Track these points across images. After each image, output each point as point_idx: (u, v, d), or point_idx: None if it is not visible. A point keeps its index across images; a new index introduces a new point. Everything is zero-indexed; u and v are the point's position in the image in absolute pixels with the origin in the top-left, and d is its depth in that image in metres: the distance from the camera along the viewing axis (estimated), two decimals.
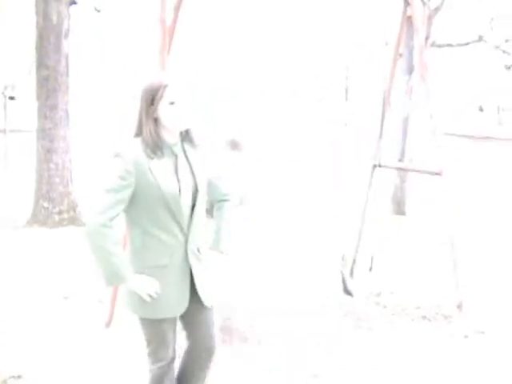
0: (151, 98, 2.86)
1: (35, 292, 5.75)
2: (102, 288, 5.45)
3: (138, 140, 2.90)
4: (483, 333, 5.09)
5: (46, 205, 8.53)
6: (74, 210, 8.66)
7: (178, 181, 2.91)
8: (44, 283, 5.99)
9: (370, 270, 6.18)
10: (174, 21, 4.39)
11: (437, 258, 7.06)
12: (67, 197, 8.63)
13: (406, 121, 11.33)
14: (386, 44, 14.05)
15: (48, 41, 8.56)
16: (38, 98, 8.66)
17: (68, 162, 8.69)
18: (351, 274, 6.12)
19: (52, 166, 8.55)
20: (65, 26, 8.65)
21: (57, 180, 8.56)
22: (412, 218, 10.64)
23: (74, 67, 9.73)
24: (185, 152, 3.00)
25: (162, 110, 2.86)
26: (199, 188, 2.98)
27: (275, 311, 5.33)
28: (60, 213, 8.52)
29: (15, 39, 16.94)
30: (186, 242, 2.96)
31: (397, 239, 8.35)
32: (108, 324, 4.91)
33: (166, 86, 2.84)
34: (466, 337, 5.03)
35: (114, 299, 4.90)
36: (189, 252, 2.98)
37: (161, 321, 3.01)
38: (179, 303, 3.01)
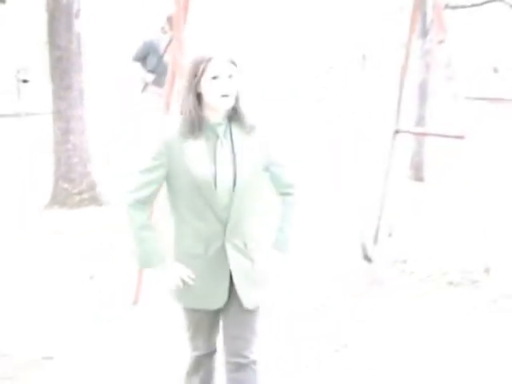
0: (194, 72, 2.66)
1: (61, 273, 5.77)
2: (127, 266, 5.49)
3: (179, 118, 2.72)
4: (511, 297, 5.05)
5: (65, 186, 8.53)
6: (94, 190, 8.65)
7: (215, 165, 2.69)
8: (69, 263, 6.02)
9: (390, 235, 6.15)
10: None
11: (459, 224, 7.00)
12: (86, 177, 8.62)
13: (422, 85, 11.20)
14: (402, 10, 13.84)
15: (59, 21, 8.50)
16: (52, 79, 8.62)
17: (85, 142, 8.67)
18: (375, 240, 6.07)
19: (69, 146, 8.54)
20: (75, 6, 8.57)
21: (75, 160, 8.55)
22: (431, 184, 10.54)
23: (88, 46, 9.68)
24: (231, 134, 2.74)
25: (205, 84, 2.66)
26: (238, 175, 2.70)
27: (297, 280, 5.32)
28: (80, 193, 8.52)
29: (26, 21, 16.88)
30: (224, 233, 2.75)
31: (417, 205, 8.29)
32: (135, 302, 4.92)
33: (209, 60, 2.64)
34: (494, 301, 5.00)
35: (140, 277, 4.91)
36: (227, 244, 2.76)
37: (194, 311, 2.89)
38: (213, 297, 2.83)
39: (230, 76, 2.67)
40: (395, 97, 6.16)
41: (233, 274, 2.79)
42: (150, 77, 8.19)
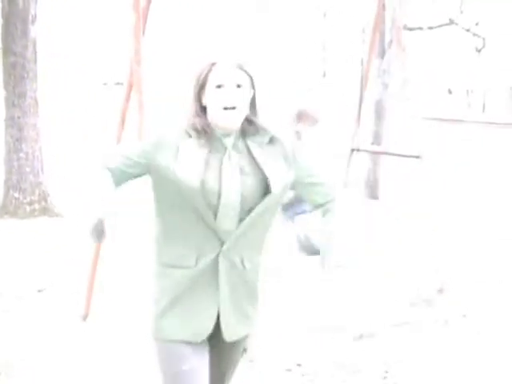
0: (197, 80, 2.28)
1: (7, 285, 5.59)
2: (76, 279, 5.35)
3: (184, 128, 2.30)
4: (464, 316, 5.08)
5: (16, 195, 8.33)
6: (46, 201, 8.47)
7: (220, 181, 2.23)
8: (16, 276, 5.83)
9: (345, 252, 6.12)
10: (148, 2, 4.24)
11: (414, 242, 7.05)
12: (38, 187, 8.43)
13: (378, 104, 11.31)
14: (363, 31, 14.01)
15: (14, 26, 8.33)
16: (6, 85, 8.44)
17: (38, 151, 8.48)
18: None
19: (22, 155, 8.34)
20: (31, 11, 8.41)
21: (27, 170, 8.36)
22: (386, 202, 10.63)
23: (43, 53, 9.50)
24: (247, 147, 2.31)
25: (208, 94, 2.26)
26: (248, 193, 2.26)
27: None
28: (31, 203, 8.32)
29: None
30: (221, 247, 2.27)
31: (372, 223, 8.32)
32: (85, 317, 4.79)
33: (213, 65, 2.25)
34: (446, 321, 5.01)
35: (90, 290, 4.78)
36: (221, 257, 2.27)
37: (177, 345, 2.29)
38: (200, 324, 2.30)
39: (239, 86, 2.25)
40: (353, 115, 6.18)
41: (220, 292, 2.28)
42: None
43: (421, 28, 13.81)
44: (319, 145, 5.05)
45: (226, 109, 2.23)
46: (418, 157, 5.42)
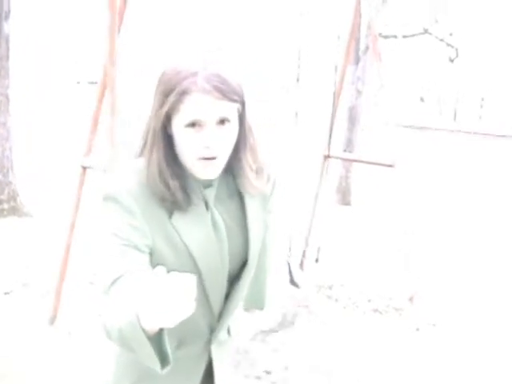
0: (161, 104, 1.57)
1: None
2: (44, 282, 5.26)
3: (142, 171, 1.62)
4: (435, 325, 5.10)
5: None
6: (15, 200, 8.32)
7: (220, 247, 1.70)
8: None
9: (317, 261, 6.13)
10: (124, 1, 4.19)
11: (385, 250, 7.07)
12: (7, 186, 8.29)
13: (352, 111, 11.35)
14: (338, 38, 14.06)
15: None
16: None
17: (8, 150, 8.34)
18: (301, 266, 6.05)
19: None
20: (4, 8, 8.28)
21: None
22: (358, 208, 10.66)
23: (15, 50, 9.35)
24: (237, 191, 1.74)
25: (176, 131, 1.58)
26: (251, 256, 1.76)
27: None
28: (0, 203, 8.19)
29: None
30: (213, 328, 1.79)
31: (343, 230, 8.34)
32: (52, 320, 4.71)
33: (185, 93, 1.52)
34: (417, 329, 5.03)
35: (58, 293, 4.70)
36: (213, 345, 1.81)
37: None
38: None
39: (223, 121, 1.57)
40: (326, 122, 6.18)
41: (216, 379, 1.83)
42: None
43: (395, 36, 13.90)
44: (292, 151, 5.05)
45: (203, 159, 1.58)
46: (390, 165, 5.43)
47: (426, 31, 13.26)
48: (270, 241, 1.86)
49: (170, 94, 1.53)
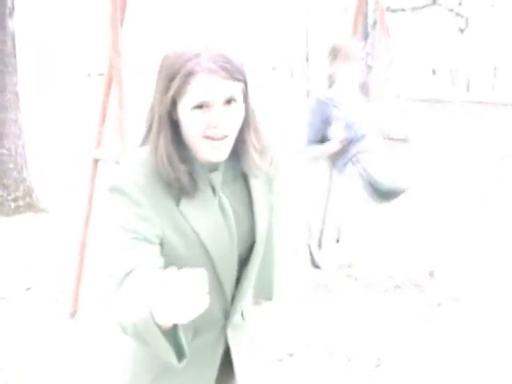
0: (165, 88, 1.55)
1: None
2: (63, 276, 5.27)
3: (147, 159, 1.61)
4: (458, 300, 5.05)
5: (0, 192, 8.22)
6: (31, 196, 8.35)
7: (229, 231, 1.69)
8: (3, 275, 5.75)
9: (338, 241, 6.09)
10: None
11: (404, 227, 7.00)
12: (22, 183, 8.31)
13: (363, 87, 11.25)
14: (345, 11, 13.94)
15: None
16: None
17: (21, 147, 8.36)
18: (319, 245, 6.02)
19: (4, 151, 8.21)
20: (8, 4, 8.26)
21: (10, 166, 8.23)
22: None
23: (23, 46, 9.35)
24: (243, 174, 1.73)
25: (182, 114, 1.57)
26: (258, 237, 1.75)
27: None
28: (15, 200, 8.21)
29: None
30: (228, 314, 1.80)
31: (362, 209, 8.26)
32: (73, 314, 4.72)
33: (190, 74, 1.50)
34: (439, 305, 4.98)
35: (77, 288, 4.71)
36: (229, 329, 1.81)
37: None
38: None
39: (230, 101, 1.56)
40: None
41: (236, 369, 1.83)
42: None
43: (403, 9, 13.75)
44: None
45: (211, 139, 1.56)
46: (404, 140, 5.37)
47: (434, 2, 13.11)
48: (276, 223, 1.87)
49: (175, 77, 1.51)
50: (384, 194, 4.75)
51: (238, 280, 1.78)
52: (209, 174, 1.66)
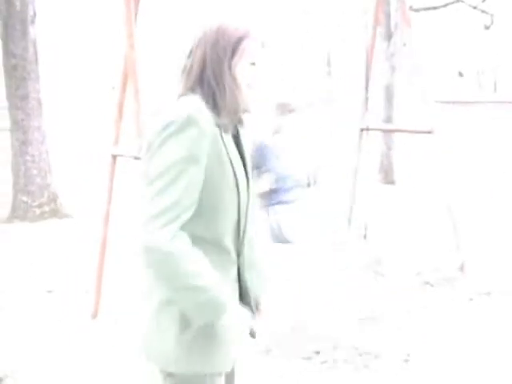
0: (231, 49, 1.93)
1: (18, 288, 5.46)
2: (85, 279, 5.22)
3: (200, 102, 1.90)
4: (489, 294, 4.89)
5: (25, 199, 8.22)
6: (55, 202, 8.36)
7: (245, 169, 2.04)
8: (27, 278, 5.71)
9: (365, 237, 5.97)
10: None
11: (433, 223, 6.86)
12: (46, 189, 8.32)
13: (388, 88, 11.12)
14: (365, 13, 13.81)
15: (13, 28, 8.21)
16: (8, 88, 8.32)
17: (45, 153, 8.37)
18: (345, 243, 5.91)
19: (28, 158, 8.24)
20: (30, 12, 8.30)
21: (34, 172, 8.25)
22: (401, 186, 10.44)
23: (44, 54, 9.38)
24: (237, 131, 2.08)
25: (243, 70, 1.96)
26: (248, 172, 2.06)
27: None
28: (40, 206, 8.22)
29: None
30: (240, 255, 2.04)
31: (388, 208, 8.14)
32: (94, 315, 4.65)
33: (245, 37, 1.94)
34: (470, 299, 4.83)
35: (99, 289, 4.65)
36: (245, 269, 2.05)
37: (210, 377, 1.97)
38: (238, 347, 2.02)
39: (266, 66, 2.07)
40: (361, 96, 6.01)
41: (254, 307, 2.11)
42: None
43: (427, 8, 13.55)
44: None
45: (257, 89, 1.99)
46: (429, 132, 5.24)
47: (457, 0, 12.89)
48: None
49: (241, 41, 1.94)
50: (281, 241, 4.80)
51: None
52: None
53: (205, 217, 1.89)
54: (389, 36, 11.35)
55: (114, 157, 4.35)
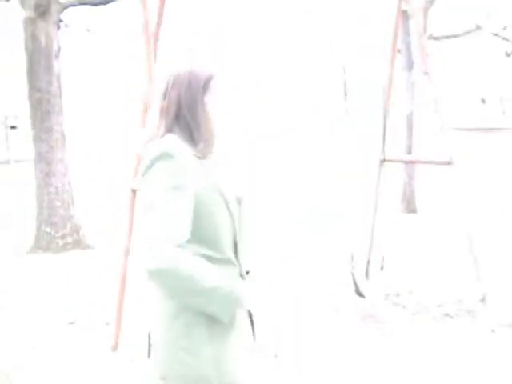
0: (203, 89, 2.20)
1: (40, 319, 5.52)
2: (107, 311, 5.25)
3: (178, 138, 2.16)
4: (511, 326, 4.84)
5: (48, 230, 8.32)
6: (78, 233, 8.44)
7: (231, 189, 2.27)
8: (49, 309, 5.77)
9: (382, 269, 5.96)
10: (158, 26, 4.19)
11: (454, 254, 6.81)
12: (69, 220, 8.42)
13: (409, 117, 11.12)
14: (384, 39, 13.87)
15: (38, 63, 8.38)
16: (33, 121, 8.47)
17: (67, 185, 8.48)
18: (366, 274, 5.90)
19: (51, 189, 8.35)
20: (54, 47, 8.47)
21: (57, 204, 8.35)
22: (424, 216, 10.38)
23: (67, 88, 9.55)
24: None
25: (211, 103, 2.23)
26: (244, 196, 2.32)
27: (288, 319, 5.08)
28: (63, 237, 8.30)
29: (12, 65, 16.85)
30: (238, 265, 2.27)
31: (410, 237, 8.11)
32: (115, 347, 4.68)
33: (216, 78, 2.23)
34: (492, 331, 4.78)
35: (119, 321, 4.68)
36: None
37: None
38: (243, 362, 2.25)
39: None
40: (380, 127, 6.04)
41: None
42: None
43: (447, 36, 13.59)
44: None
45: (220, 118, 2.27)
46: (449, 163, 5.23)
47: (478, 27, 12.90)
48: None
49: (210, 80, 2.21)
50: None
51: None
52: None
53: (207, 239, 2.15)
54: (409, 65, 11.37)
55: (134, 191, 4.41)
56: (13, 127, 21.71)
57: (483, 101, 27.81)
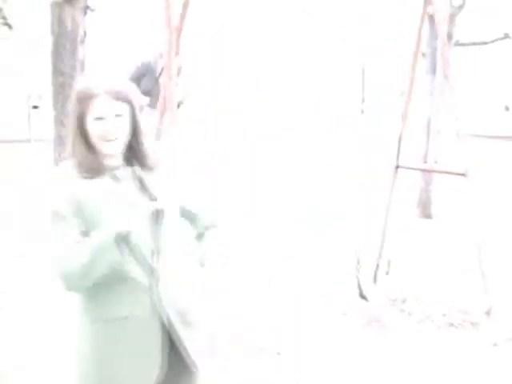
0: (77, 111, 2.28)
1: (40, 319, 5.58)
2: None
3: (70, 162, 2.31)
4: None
5: None
6: None
7: (131, 211, 2.26)
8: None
9: (387, 273, 5.97)
10: (182, 20, 4.22)
11: (464, 263, 6.80)
12: None
13: (429, 123, 11.06)
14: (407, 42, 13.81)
15: (63, 47, 8.44)
16: (54, 105, 8.55)
17: None
18: (374, 279, 5.92)
19: None
20: (80, 32, 8.54)
21: None
22: (439, 222, 10.35)
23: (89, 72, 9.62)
24: (137, 176, 2.36)
25: (89, 126, 2.27)
26: (161, 216, 2.31)
27: (292, 321, 5.12)
28: None
29: (37, 47, 16.99)
30: (154, 286, 2.31)
31: (422, 243, 8.10)
32: None
33: (91, 97, 2.23)
34: (495, 345, 4.79)
35: None
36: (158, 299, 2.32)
37: None
38: (147, 371, 2.31)
39: (118, 115, 2.27)
40: (397, 132, 6.04)
41: (172, 335, 2.34)
42: (145, 99, 7.79)
43: (475, 43, 13.51)
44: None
45: (107, 141, 2.27)
46: (463, 174, 5.23)
47: (506, 36, 12.81)
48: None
49: (83, 101, 2.25)
50: None
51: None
52: (114, 170, 2.32)
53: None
54: (433, 69, 11.31)
55: None
56: (35, 107, 21.86)
57: (507, 108, 27.56)
